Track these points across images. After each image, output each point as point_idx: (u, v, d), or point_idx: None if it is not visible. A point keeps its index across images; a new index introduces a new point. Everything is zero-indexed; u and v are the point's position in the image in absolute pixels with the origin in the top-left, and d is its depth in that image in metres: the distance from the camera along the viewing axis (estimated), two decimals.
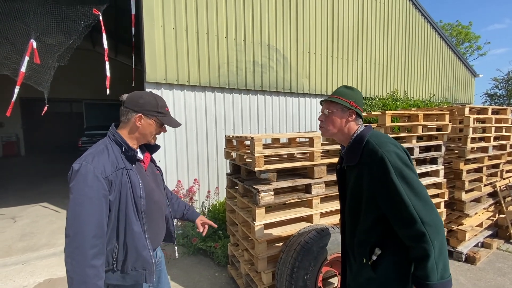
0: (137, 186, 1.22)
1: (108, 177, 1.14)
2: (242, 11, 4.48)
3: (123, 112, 1.27)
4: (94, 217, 1.09)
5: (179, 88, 3.99)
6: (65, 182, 7.56)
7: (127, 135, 1.28)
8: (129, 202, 1.20)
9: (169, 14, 3.82)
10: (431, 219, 1.05)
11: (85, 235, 1.06)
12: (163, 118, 1.30)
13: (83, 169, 1.10)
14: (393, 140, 1.24)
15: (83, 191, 1.08)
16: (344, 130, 1.33)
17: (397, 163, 1.12)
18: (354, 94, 1.34)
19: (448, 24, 23.84)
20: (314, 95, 5.50)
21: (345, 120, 1.32)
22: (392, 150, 1.15)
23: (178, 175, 4.05)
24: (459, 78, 9.67)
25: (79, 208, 1.08)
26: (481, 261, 3.21)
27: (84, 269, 1.05)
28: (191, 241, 3.43)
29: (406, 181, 1.09)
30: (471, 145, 3.29)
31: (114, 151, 1.22)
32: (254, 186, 2.16)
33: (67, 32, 3.77)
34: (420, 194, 1.08)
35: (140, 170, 1.32)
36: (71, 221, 1.08)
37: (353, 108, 1.30)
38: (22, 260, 3.42)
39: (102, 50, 14.65)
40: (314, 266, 1.93)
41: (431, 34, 8.09)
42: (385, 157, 1.13)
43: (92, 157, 1.14)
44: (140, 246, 1.22)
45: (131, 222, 1.20)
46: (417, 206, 1.06)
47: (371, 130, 1.29)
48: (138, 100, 1.26)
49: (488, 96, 22.67)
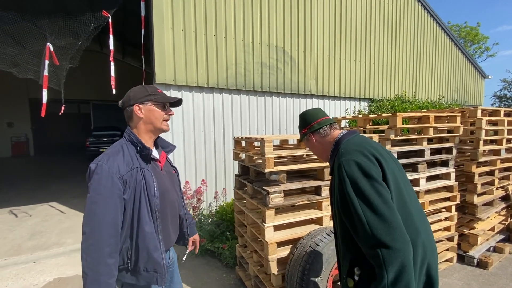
0: (152, 185, 1.23)
1: (122, 176, 1.16)
2: (250, 12, 4.50)
3: (125, 113, 1.31)
4: (108, 215, 1.11)
5: (187, 89, 4.02)
6: (73, 182, 7.67)
7: (139, 131, 1.30)
8: (143, 202, 1.20)
9: (179, 16, 3.86)
10: (389, 240, 0.91)
11: (100, 233, 1.08)
12: (157, 97, 1.31)
13: (98, 169, 1.13)
14: (364, 147, 1.14)
15: (98, 190, 1.11)
16: (325, 148, 1.34)
17: (354, 173, 1.03)
18: (302, 120, 1.40)
19: (456, 25, 23.57)
20: (321, 96, 5.48)
21: (315, 143, 1.37)
22: (352, 159, 1.07)
23: (186, 176, 4.06)
24: (468, 80, 9.53)
25: (94, 206, 1.10)
26: (493, 266, 3.15)
27: (98, 266, 1.07)
28: (199, 242, 3.43)
29: (362, 195, 0.99)
30: (483, 147, 3.23)
31: (130, 151, 1.24)
32: (264, 188, 2.16)
33: (78, 34, 3.84)
34: (378, 211, 0.95)
35: (155, 169, 1.33)
36: (87, 218, 1.10)
37: (307, 132, 1.36)
38: (32, 258, 3.46)
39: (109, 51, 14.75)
40: (325, 269, 1.91)
41: (440, 35, 8.00)
42: (342, 167, 1.07)
43: (108, 158, 1.17)
44: (151, 247, 1.22)
45: (143, 222, 1.20)
46: (372, 224, 0.94)
47: (348, 137, 1.24)
48: (129, 95, 1.30)
49: (498, 98, 22.31)
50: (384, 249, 0.91)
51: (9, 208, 5.38)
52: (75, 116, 16.87)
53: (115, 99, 10.07)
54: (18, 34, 4.10)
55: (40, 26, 3.84)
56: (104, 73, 14.11)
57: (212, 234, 3.50)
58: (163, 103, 1.32)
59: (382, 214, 0.95)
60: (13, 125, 13.79)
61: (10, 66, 3.96)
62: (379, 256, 0.92)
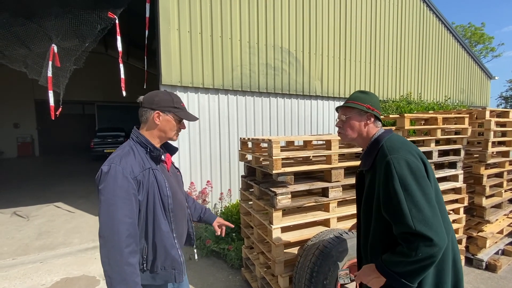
0: (164, 185, 1.25)
1: (136, 177, 1.17)
2: (256, 14, 4.51)
3: (142, 112, 1.30)
4: (127, 216, 1.11)
5: (193, 91, 4.03)
6: (78, 182, 7.72)
7: (149, 135, 1.30)
8: (157, 201, 1.22)
9: (185, 17, 3.88)
10: (431, 234, 0.99)
11: (120, 235, 1.08)
12: (179, 113, 1.31)
13: (112, 170, 1.12)
14: (410, 146, 1.19)
15: (114, 192, 1.10)
16: (363, 134, 1.33)
17: (403, 170, 1.08)
18: (369, 97, 1.33)
19: (461, 26, 23.39)
20: (326, 97, 5.46)
21: (363, 123, 1.32)
22: (402, 156, 1.11)
23: (191, 177, 4.07)
24: (474, 81, 9.45)
25: (112, 208, 1.09)
26: (502, 269, 3.10)
27: (123, 267, 1.07)
28: (204, 243, 3.44)
29: (410, 193, 1.04)
30: (492, 149, 3.20)
31: (139, 152, 1.24)
32: (271, 189, 2.15)
33: (84, 35, 3.87)
34: (423, 209, 1.02)
35: (163, 170, 1.35)
36: (106, 222, 1.09)
37: (370, 111, 1.30)
38: (40, 258, 3.49)
39: (115, 53, 14.86)
40: (333, 271, 1.89)
41: (445, 35, 7.94)
42: (391, 163, 1.11)
43: (120, 159, 1.16)
44: (168, 245, 1.24)
45: (159, 221, 1.22)
46: (416, 220, 1.01)
47: (389, 134, 1.28)
48: (154, 98, 1.28)
49: (504, 99, 22.07)
50: (422, 241, 1.00)
51: (15, 208, 5.43)
52: (79, 117, 17.02)
53: (120, 100, 10.18)
54: (26, 36, 4.15)
55: (45, 27, 3.88)
56: (108, 75, 14.29)
57: (218, 235, 3.50)
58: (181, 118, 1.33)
59: (426, 213, 1.02)
60: (19, 126, 13.96)
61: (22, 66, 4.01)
62: (415, 244, 1.00)
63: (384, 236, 1.19)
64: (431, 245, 0.99)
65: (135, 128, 1.33)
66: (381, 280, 1.15)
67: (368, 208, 1.27)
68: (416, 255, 1.00)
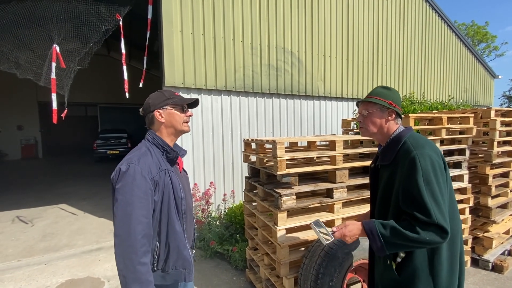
0: (178, 187, 1.26)
1: (154, 177, 1.18)
2: (258, 15, 4.51)
3: (146, 120, 1.33)
4: (144, 216, 1.12)
5: (196, 92, 4.04)
6: (81, 184, 7.75)
7: (162, 135, 1.32)
8: (171, 203, 1.23)
9: (187, 19, 3.89)
10: (442, 223, 1.07)
11: (137, 234, 1.09)
12: (176, 100, 1.32)
13: (131, 170, 1.13)
14: (431, 144, 1.24)
15: (132, 191, 1.11)
16: (384, 129, 1.34)
17: (427, 166, 1.13)
18: (391, 93, 1.34)
19: (463, 24, 23.28)
20: (329, 97, 5.45)
21: (385, 119, 1.33)
22: (426, 153, 1.16)
23: (195, 178, 4.08)
24: (478, 80, 9.39)
25: (130, 208, 1.10)
26: (508, 270, 3.07)
27: (137, 266, 1.08)
28: (208, 244, 3.43)
29: (430, 186, 1.11)
30: (497, 148, 3.17)
31: (156, 153, 1.26)
32: (276, 190, 2.15)
33: (87, 37, 3.88)
34: (439, 203, 1.10)
35: (177, 172, 1.37)
36: (122, 220, 1.10)
37: (392, 107, 1.31)
38: (44, 260, 3.50)
39: (117, 55, 14.91)
40: (339, 273, 1.88)
41: (448, 35, 7.90)
42: (416, 158, 1.15)
43: (138, 159, 1.18)
44: (181, 246, 1.26)
45: (173, 222, 1.23)
46: (434, 212, 1.08)
47: (410, 131, 1.30)
48: (147, 102, 1.31)
49: (507, 98, 21.93)
50: (436, 230, 1.08)
51: (20, 210, 5.46)
52: (82, 119, 17.09)
53: (122, 102, 10.25)
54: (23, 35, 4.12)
55: (47, 27, 3.87)
56: (111, 76, 14.37)
57: (221, 237, 3.50)
58: (181, 105, 1.33)
59: (442, 208, 1.11)
60: (22, 128, 14.05)
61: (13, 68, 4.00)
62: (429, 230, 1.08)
63: None
64: (444, 236, 1.08)
65: (151, 130, 1.34)
66: (356, 235, 1.25)
67: (385, 203, 1.29)
68: (423, 237, 1.08)
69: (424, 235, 1.08)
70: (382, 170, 1.33)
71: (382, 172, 1.33)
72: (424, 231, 1.08)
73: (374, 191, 1.43)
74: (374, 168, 1.43)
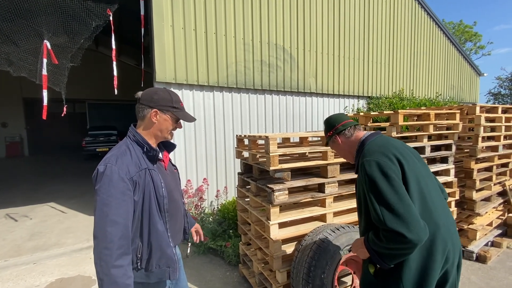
0: (160, 185, 1.25)
1: (132, 177, 1.16)
2: (250, 10, 4.49)
3: (139, 109, 1.29)
4: (121, 217, 1.11)
5: (188, 88, 4.00)
6: (70, 182, 7.60)
7: (146, 133, 1.29)
8: (153, 202, 1.22)
9: (178, 14, 3.83)
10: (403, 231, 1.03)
11: (113, 236, 1.08)
12: (178, 113, 1.31)
13: (108, 170, 1.11)
14: (387, 148, 1.24)
15: (109, 192, 1.10)
16: (351, 149, 1.43)
17: (374, 173, 1.15)
18: (327, 124, 1.51)
19: (451, 23, 23.77)
20: (321, 94, 5.50)
21: (340, 145, 1.47)
22: (374, 159, 1.19)
23: (187, 175, 4.06)
24: (464, 77, 9.64)
25: (106, 209, 1.09)
26: (491, 260, 3.20)
27: (111, 270, 1.07)
28: (202, 240, 3.43)
29: (379, 193, 1.11)
30: (482, 144, 3.28)
31: (136, 151, 1.24)
32: (268, 186, 2.17)
33: (78, 32, 3.78)
34: (394, 208, 1.06)
35: (160, 169, 1.34)
36: (100, 222, 1.09)
37: (333, 133, 1.45)
38: (33, 259, 3.43)
39: (106, 50, 14.55)
40: (331, 265, 1.93)
41: (436, 32, 8.07)
42: (363, 166, 1.21)
43: (116, 159, 1.15)
44: (164, 244, 1.25)
45: (155, 221, 1.22)
46: (387, 219, 1.06)
47: (372, 138, 1.35)
48: (153, 96, 1.26)
49: (492, 95, 22.57)
50: (394, 235, 1.06)
51: (7, 209, 5.31)
52: (70, 115, 16.59)
53: (111, 98, 10.05)
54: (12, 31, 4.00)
55: (36, 22, 3.76)
56: (99, 72, 14.04)
57: (215, 233, 3.51)
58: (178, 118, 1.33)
59: (397, 210, 1.06)
60: (7, 125, 13.60)
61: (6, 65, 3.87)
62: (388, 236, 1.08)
63: (369, 230, 1.29)
64: (404, 241, 1.04)
65: (132, 126, 1.31)
66: (366, 253, 1.26)
67: (359, 211, 1.39)
68: (387, 244, 1.09)
69: (387, 241, 1.09)
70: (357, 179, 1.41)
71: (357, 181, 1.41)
72: (386, 237, 1.09)
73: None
74: None
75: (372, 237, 1.19)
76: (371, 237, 1.20)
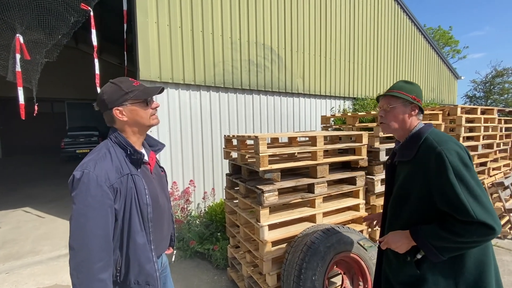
0: (143, 192, 1.14)
1: (112, 185, 1.06)
2: (238, 9, 4.43)
3: (105, 117, 1.19)
4: (99, 228, 1.01)
5: (173, 87, 3.89)
6: (47, 185, 7.21)
7: (126, 134, 1.19)
8: (134, 211, 1.11)
9: (164, 10, 3.71)
10: (491, 221, 1.01)
11: (91, 248, 0.99)
12: (138, 94, 1.16)
13: (85, 177, 1.01)
14: (454, 139, 1.21)
15: (86, 201, 1.00)
16: (406, 125, 1.32)
17: (456, 162, 1.08)
18: (414, 88, 1.31)
19: (430, 28, 24.80)
20: (308, 95, 5.52)
21: (407, 115, 1.30)
22: (452, 148, 1.12)
23: (173, 176, 3.93)
24: (443, 80, 10.04)
25: (83, 219, 0.99)
26: None
27: (92, 283, 0.98)
28: (188, 244, 3.33)
29: (464, 182, 1.05)
30: (464, 143, 3.39)
31: (118, 155, 1.13)
32: (258, 187, 2.12)
33: (56, 28, 3.57)
34: (478, 197, 1.04)
35: (145, 173, 1.23)
36: (76, 233, 1.00)
37: (415, 102, 1.28)
38: (5, 269, 3.20)
39: (86, 47, 14.01)
40: (321, 267, 1.90)
41: (417, 36, 8.35)
42: (443, 155, 1.10)
43: (94, 164, 1.04)
44: (143, 259, 1.14)
45: (134, 233, 1.12)
46: (476, 209, 1.02)
47: (431, 128, 1.28)
48: (102, 98, 1.14)
49: (468, 98, 23.73)
50: (482, 228, 1.01)
51: None
52: (48, 115, 15.88)
53: (93, 98, 9.68)
54: None
55: (8, 15, 3.52)
56: (79, 70, 13.48)
57: (202, 236, 3.41)
58: (144, 99, 1.18)
59: (485, 203, 1.03)
60: None
61: None
62: (474, 229, 1.02)
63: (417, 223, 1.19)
64: (490, 233, 1.02)
65: (113, 127, 1.20)
66: (409, 246, 1.19)
67: (401, 200, 1.26)
68: (469, 237, 1.03)
69: (469, 235, 1.03)
70: (401, 167, 1.30)
71: (400, 169, 1.30)
72: (468, 231, 1.03)
73: (390, 187, 1.41)
74: (391, 164, 1.41)
75: (433, 230, 1.10)
76: (431, 230, 1.11)
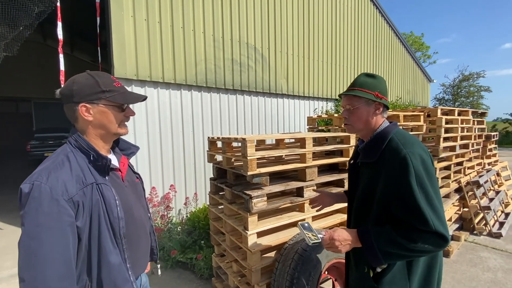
0: (113, 204, 0.96)
1: (72, 198, 0.86)
2: (220, 6, 4.28)
3: (66, 110, 0.98)
4: (57, 253, 0.82)
5: (152, 85, 3.65)
6: (10, 193, 6.58)
7: (88, 137, 1.00)
8: (103, 227, 0.93)
9: (141, 3, 3.47)
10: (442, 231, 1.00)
11: (46, 278, 0.80)
12: (114, 96, 0.98)
13: (35, 191, 0.82)
14: (419, 141, 1.16)
15: (37, 221, 0.81)
16: (371, 125, 1.23)
17: (419, 167, 1.04)
18: (377, 82, 1.21)
19: (403, 34, 26.11)
20: (292, 96, 5.48)
21: (371, 114, 1.21)
22: (417, 152, 1.07)
23: (152, 182, 3.68)
24: (418, 83, 10.52)
25: (35, 243, 0.80)
26: (453, 254, 3.40)
27: None
28: (169, 254, 3.12)
29: (424, 190, 1.03)
30: (444, 144, 3.48)
31: (79, 161, 0.94)
32: (246, 192, 1.98)
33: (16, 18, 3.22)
34: (436, 207, 1.02)
35: (116, 181, 1.05)
36: (26, 260, 0.80)
37: (378, 99, 1.18)
38: None
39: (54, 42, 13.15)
40: (314, 275, 1.81)
41: (394, 41, 8.67)
42: (408, 159, 1.04)
43: (48, 174, 0.85)
44: (119, 281, 0.97)
45: (106, 252, 0.94)
46: (433, 219, 1.01)
47: (396, 128, 1.20)
48: (71, 88, 0.94)
49: (438, 101, 25.19)
50: (436, 238, 1.01)
51: None
52: (12, 116, 14.71)
53: None
54: None
55: None
56: (48, 68, 12.58)
57: (184, 244, 3.21)
58: (121, 104, 1.01)
59: (440, 213, 1.03)
60: None
61: None
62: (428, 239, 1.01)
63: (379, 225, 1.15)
64: (443, 244, 1.02)
65: (74, 128, 1.00)
66: (351, 247, 1.13)
67: (365, 202, 1.19)
68: (421, 246, 1.01)
69: (422, 244, 1.01)
70: (364, 168, 1.23)
71: (364, 170, 1.23)
72: (422, 239, 1.01)
73: (353, 188, 1.33)
74: (354, 164, 1.34)
75: (384, 234, 1.06)
76: (382, 233, 1.07)
